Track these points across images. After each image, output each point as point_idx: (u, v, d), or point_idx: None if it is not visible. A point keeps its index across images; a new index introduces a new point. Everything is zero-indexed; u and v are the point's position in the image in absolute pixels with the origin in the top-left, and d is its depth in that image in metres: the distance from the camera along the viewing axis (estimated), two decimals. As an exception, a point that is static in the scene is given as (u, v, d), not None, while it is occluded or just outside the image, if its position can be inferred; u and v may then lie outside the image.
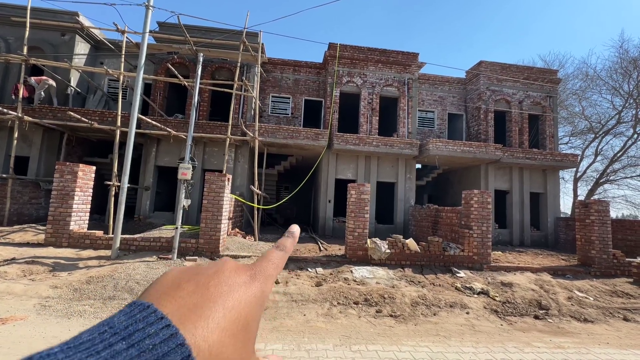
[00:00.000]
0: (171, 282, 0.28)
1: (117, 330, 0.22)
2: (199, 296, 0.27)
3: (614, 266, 7.67)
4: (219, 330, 0.25)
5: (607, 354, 4.09)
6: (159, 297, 0.26)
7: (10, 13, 11.67)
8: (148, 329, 0.22)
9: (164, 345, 0.22)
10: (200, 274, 0.30)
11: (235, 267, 0.32)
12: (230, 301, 0.28)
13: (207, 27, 12.29)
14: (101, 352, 0.20)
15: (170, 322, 0.23)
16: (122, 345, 0.21)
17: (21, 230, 8.53)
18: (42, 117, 10.68)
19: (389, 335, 4.30)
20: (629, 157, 18.71)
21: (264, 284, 0.32)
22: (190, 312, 0.25)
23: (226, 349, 0.25)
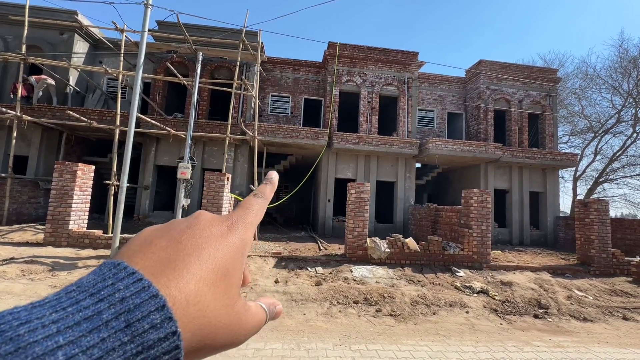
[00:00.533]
0: (143, 240, 0.27)
1: (84, 288, 0.21)
2: (172, 250, 0.26)
3: (613, 265, 7.68)
4: (194, 280, 0.25)
5: (607, 352, 4.09)
6: (130, 254, 0.26)
7: (9, 11, 11.63)
8: (118, 284, 0.22)
9: (136, 297, 0.21)
10: (173, 229, 0.29)
11: (210, 219, 0.31)
12: (206, 252, 0.27)
13: (206, 26, 12.26)
14: (67, 308, 0.20)
15: (141, 276, 0.23)
16: (89, 301, 0.20)
17: (20, 229, 8.51)
18: (41, 116, 10.65)
19: (388, 335, 4.30)
20: (628, 156, 18.73)
21: (243, 233, 0.31)
22: (163, 265, 0.25)
23: (205, 297, 0.25)
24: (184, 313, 0.23)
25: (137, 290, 0.22)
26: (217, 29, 12.17)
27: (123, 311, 0.20)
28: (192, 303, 0.24)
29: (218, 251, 0.28)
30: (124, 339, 0.20)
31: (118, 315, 0.20)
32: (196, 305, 0.24)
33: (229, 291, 0.27)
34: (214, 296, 0.26)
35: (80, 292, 0.21)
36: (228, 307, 0.27)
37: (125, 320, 0.20)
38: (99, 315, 0.20)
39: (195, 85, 7.50)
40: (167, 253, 0.26)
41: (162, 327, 0.21)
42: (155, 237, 0.28)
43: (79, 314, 0.19)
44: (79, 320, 0.19)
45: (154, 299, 0.22)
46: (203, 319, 0.24)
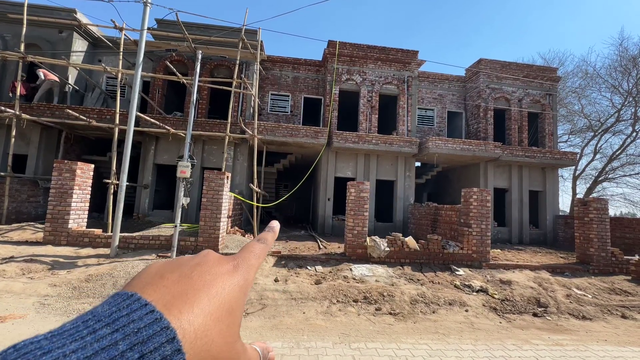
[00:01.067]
0: (154, 273, 0.29)
1: (100, 318, 0.22)
2: (183, 285, 0.27)
3: (613, 264, 7.69)
4: (203, 315, 0.26)
5: (605, 351, 4.10)
6: (143, 286, 0.26)
7: (7, 10, 11.58)
8: (132, 315, 0.23)
9: (149, 328, 0.22)
10: (183, 265, 0.30)
11: (218, 258, 0.33)
12: (214, 288, 0.29)
13: (205, 25, 12.22)
14: (85, 337, 0.20)
15: (154, 307, 0.24)
16: (106, 330, 0.21)
17: (20, 228, 8.51)
18: (40, 114, 10.62)
19: (388, 333, 4.31)
20: (627, 155, 18.74)
21: (246, 273, 0.33)
22: (174, 298, 0.26)
23: (211, 332, 0.26)
24: (192, 346, 0.24)
25: (150, 322, 0.23)
26: (216, 27, 12.14)
27: (137, 342, 0.21)
28: (200, 337, 0.25)
29: (225, 289, 0.29)
30: None
31: (133, 347, 0.21)
32: (203, 339, 0.25)
33: (232, 328, 0.29)
34: (219, 332, 0.27)
35: (97, 322, 0.22)
36: (230, 344, 0.28)
37: (139, 352, 0.21)
38: (115, 345, 0.21)
39: (195, 83, 7.48)
40: (178, 287, 0.27)
41: (171, 358, 0.22)
42: (166, 271, 0.29)
43: (97, 344, 0.20)
44: (97, 350, 0.20)
45: (165, 331, 0.23)
46: (208, 352, 0.25)
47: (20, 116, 9.48)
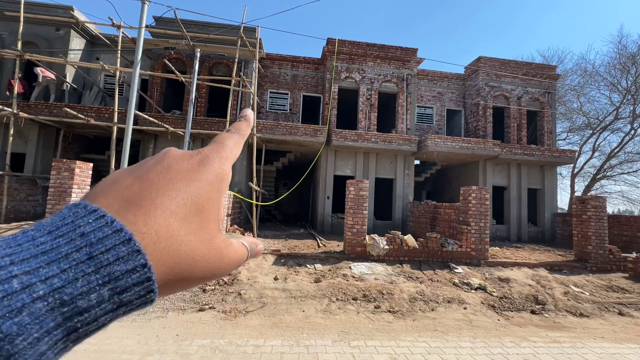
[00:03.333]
0: (108, 181, 0.26)
1: (42, 227, 0.20)
2: (138, 187, 0.25)
3: (610, 261, 7.74)
4: (164, 215, 0.24)
5: (602, 348, 4.14)
6: (93, 196, 0.24)
7: (4, 7, 11.48)
8: (78, 222, 0.21)
9: (98, 231, 0.20)
10: (139, 167, 0.28)
11: (179, 154, 0.29)
12: (175, 186, 0.26)
13: (204, 22, 12.17)
14: (23, 244, 0.19)
15: (104, 212, 0.22)
16: (47, 237, 0.19)
17: (18, 227, 8.49)
18: (38, 113, 10.58)
19: (387, 331, 4.34)
20: (626, 153, 18.79)
21: (217, 167, 0.30)
22: (127, 203, 0.24)
23: (178, 232, 0.24)
24: (155, 248, 0.23)
25: (100, 226, 0.21)
26: (215, 25, 12.09)
27: (84, 245, 0.20)
28: (164, 238, 0.23)
29: (189, 186, 0.27)
30: (87, 270, 0.19)
31: (79, 249, 0.19)
32: (168, 240, 0.24)
33: (206, 226, 0.27)
34: (188, 231, 0.25)
35: (37, 231, 0.20)
36: (206, 242, 0.26)
37: (87, 253, 0.20)
38: (57, 249, 0.19)
39: (193, 82, 7.46)
40: (132, 191, 0.25)
41: (129, 259, 0.20)
42: (120, 176, 0.26)
43: (35, 249, 0.19)
44: (35, 253, 0.18)
45: (118, 233, 0.21)
46: (178, 252, 0.24)
47: (18, 114, 9.44)
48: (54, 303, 0.18)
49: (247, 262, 0.35)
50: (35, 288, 0.17)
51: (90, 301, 0.19)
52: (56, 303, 0.18)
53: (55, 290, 0.18)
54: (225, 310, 4.74)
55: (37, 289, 0.17)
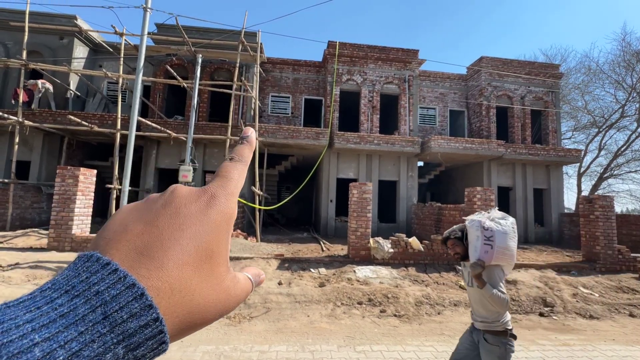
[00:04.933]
0: (117, 226, 0.26)
1: (59, 286, 0.21)
2: (148, 236, 0.25)
3: (619, 262, 7.60)
4: (177, 267, 0.24)
5: (613, 350, 4.04)
6: (104, 244, 0.24)
7: (9, 18, 11.67)
8: (92, 278, 0.21)
9: (112, 289, 0.20)
10: (148, 211, 0.27)
11: (187, 195, 0.28)
12: (186, 234, 0.26)
13: (205, 28, 12.26)
14: (42, 307, 0.19)
15: (117, 266, 0.22)
16: (64, 298, 0.20)
17: (24, 234, 8.55)
18: (43, 121, 10.69)
19: (393, 335, 4.28)
20: (633, 151, 18.54)
21: (224, 206, 0.29)
22: (140, 255, 0.23)
23: (190, 283, 0.24)
24: (169, 301, 0.23)
25: (113, 282, 0.21)
26: (216, 30, 12.17)
27: (99, 304, 0.20)
28: (177, 290, 0.23)
29: (199, 232, 0.26)
30: (102, 331, 0.19)
31: (94, 309, 0.20)
32: (182, 292, 0.23)
33: (215, 271, 0.27)
34: (200, 279, 0.25)
35: (55, 291, 0.20)
36: (216, 286, 0.26)
37: (102, 313, 0.20)
38: (74, 311, 0.19)
39: (195, 87, 7.49)
40: (143, 240, 0.24)
41: (142, 315, 0.21)
42: (129, 221, 0.26)
43: (54, 312, 0.19)
44: (54, 317, 0.19)
45: (131, 289, 0.21)
46: (191, 303, 0.24)
47: (23, 123, 9.54)
48: None
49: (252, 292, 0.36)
50: (55, 354, 0.17)
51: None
52: None
53: (74, 354, 0.18)
54: (229, 315, 4.71)
55: (57, 354, 0.18)
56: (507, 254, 2.16)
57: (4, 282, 5.25)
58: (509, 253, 2.16)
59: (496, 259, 2.14)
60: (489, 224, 2.19)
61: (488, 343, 2.17)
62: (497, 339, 2.14)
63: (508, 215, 2.31)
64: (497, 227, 2.16)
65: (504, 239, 2.15)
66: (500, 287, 2.11)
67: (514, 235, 2.22)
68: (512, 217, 2.31)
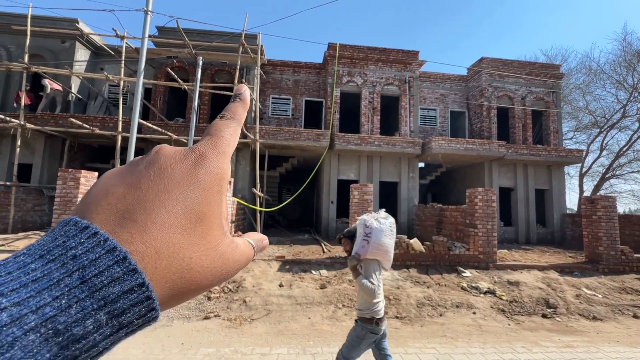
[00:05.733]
0: (97, 190, 0.24)
1: (34, 251, 0.20)
2: (131, 199, 0.23)
3: (623, 262, 7.55)
4: (162, 230, 0.22)
5: (617, 352, 4.01)
6: (84, 209, 0.23)
7: (11, 22, 11.74)
8: (69, 242, 0.20)
9: (90, 253, 0.19)
10: (130, 173, 0.25)
11: (171, 155, 0.26)
12: (171, 196, 0.24)
13: (206, 31, 12.30)
14: (13, 272, 0.18)
15: (96, 229, 0.20)
16: (38, 263, 0.19)
17: (26, 237, 8.56)
18: (44, 124, 10.73)
19: (395, 337, 4.25)
20: (635, 151, 18.45)
21: (214, 166, 0.27)
22: (122, 218, 0.22)
23: (179, 246, 0.23)
24: (157, 266, 0.21)
25: (92, 246, 0.20)
26: (216, 33, 12.21)
27: (76, 269, 0.19)
28: (165, 254, 0.22)
29: (186, 193, 0.25)
30: (80, 296, 0.18)
31: (71, 273, 0.19)
32: (170, 256, 0.22)
33: (208, 234, 0.25)
34: (190, 243, 0.23)
35: (29, 256, 0.19)
36: (210, 250, 0.25)
37: (79, 277, 0.19)
38: (48, 275, 0.18)
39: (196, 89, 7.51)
40: (125, 203, 0.23)
41: (125, 279, 0.20)
42: (110, 185, 0.24)
43: (26, 277, 0.18)
44: (25, 282, 0.18)
45: (112, 253, 0.20)
46: (181, 267, 0.23)
47: (24, 126, 9.58)
48: (48, 333, 0.17)
49: (254, 259, 0.33)
50: (26, 320, 0.16)
51: (87, 327, 0.18)
52: (49, 333, 0.17)
53: (48, 319, 0.17)
54: (230, 318, 4.70)
55: (28, 320, 0.16)
56: (381, 249, 2.43)
57: (5, 285, 5.25)
58: (383, 249, 2.43)
59: (371, 253, 2.41)
60: (370, 222, 2.48)
61: (356, 325, 2.49)
62: (364, 325, 2.44)
63: (390, 216, 2.61)
64: (376, 225, 2.43)
65: (379, 235, 2.42)
66: (372, 279, 2.38)
67: (390, 234, 2.50)
68: (393, 218, 2.61)
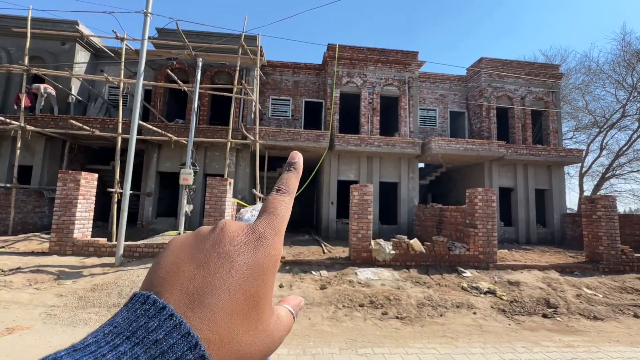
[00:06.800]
0: (170, 265, 0.26)
1: (120, 330, 0.22)
2: (200, 280, 0.25)
3: (623, 262, 7.55)
4: (226, 317, 0.24)
5: (618, 352, 4.00)
6: (158, 284, 0.25)
7: (11, 24, 11.77)
8: (150, 324, 0.22)
9: (169, 337, 0.21)
10: (198, 250, 0.27)
11: (235, 235, 0.28)
12: (235, 281, 0.26)
13: (205, 32, 12.32)
14: (107, 355, 0.20)
15: (173, 311, 0.23)
16: (126, 345, 0.21)
17: (26, 239, 8.57)
18: (44, 126, 10.74)
19: (395, 338, 4.25)
20: (635, 151, 18.46)
21: (271, 247, 0.29)
22: (192, 300, 0.24)
23: (238, 332, 0.24)
24: (218, 353, 0.23)
25: (169, 330, 0.22)
26: (216, 34, 12.23)
27: (158, 354, 0.21)
28: (227, 341, 0.24)
29: (247, 278, 0.26)
30: None
31: (155, 358, 0.21)
32: (230, 343, 0.24)
33: (262, 317, 0.27)
34: (247, 328, 0.25)
35: (117, 336, 0.21)
36: (261, 333, 0.26)
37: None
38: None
39: (196, 91, 7.53)
40: (194, 284, 0.25)
41: None
42: (181, 261, 0.26)
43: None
44: None
45: (186, 338, 0.22)
46: (238, 352, 0.24)
47: (25, 128, 9.59)
48: None
49: None
50: None
51: None
52: None
53: None
54: (230, 319, 4.69)
55: None
56: None
57: (5, 287, 5.25)
58: None
59: None
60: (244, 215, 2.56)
61: None
62: None
63: None
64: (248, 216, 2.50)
65: None
66: None
67: None
68: None
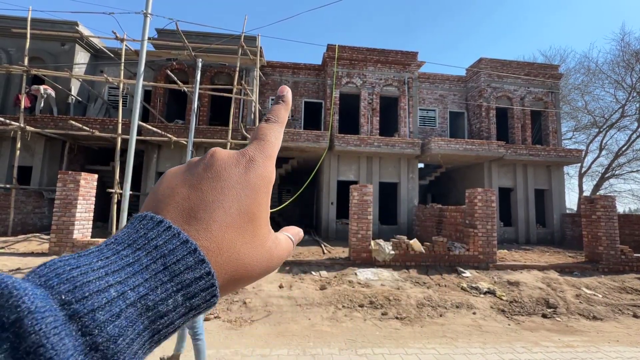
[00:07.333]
0: (165, 189, 0.28)
1: (121, 240, 0.23)
2: (194, 199, 0.27)
3: (622, 262, 7.55)
4: (222, 229, 0.26)
5: (617, 352, 4.01)
6: (155, 206, 0.27)
7: (11, 25, 11.77)
8: (149, 234, 0.23)
9: (168, 243, 0.23)
10: (190, 174, 0.29)
11: (226, 159, 0.29)
12: (229, 198, 0.27)
13: (205, 33, 12.33)
14: (110, 257, 0.22)
15: (170, 224, 0.24)
16: (128, 250, 0.23)
17: (25, 240, 8.56)
18: (44, 126, 10.74)
19: (395, 338, 4.25)
20: (634, 151, 18.47)
21: (262, 169, 0.30)
22: (188, 216, 0.26)
23: (235, 244, 0.26)
24: (217, 260, 0.25)
25: (169, 238, 0.23)
26: (216, 35, 12.24)
27: (159, 256, 0.22)
28: (224, 250, 0.25)
29: (240, 195, 0.28)
30: (164, 279, 0.22)
31: (156, 260, 0.22)
32: (228, 252, 0.25)
33: (258, 232, 0.28)
34: (244, 240, 0.27)
35: (118, 244, 0.23)
36: (259, 247, 0.28)
37: (162, 264, 0.22)
38: (139, 261, 0.22)
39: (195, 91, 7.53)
40: (189, 203, 0.26)
41: (196, 268, 0.23)
42: (175, 184, 0.28)
43: (122, 261, 0.22)
44: (122, 265, 0.22)
45: (185, 244, 0.23)
46: (237, 262, 0.26)
47: (24, 128, 9.59)
48: (142, 308, 0.21)
49: None
50: (127, 295, 0.20)
51: (168, 306, 0.22)
52: (143, 308, 0.21)
53: (142, 297, 0.21)
54: (230, 319, 4.70)
55: (129, 296, 0.20)
56: None
57: (5, 288, 5.25)
58: None
59: None
60: None
61: None
62: None
63: None
64: None
65: None
66: None
67: None
68: None
